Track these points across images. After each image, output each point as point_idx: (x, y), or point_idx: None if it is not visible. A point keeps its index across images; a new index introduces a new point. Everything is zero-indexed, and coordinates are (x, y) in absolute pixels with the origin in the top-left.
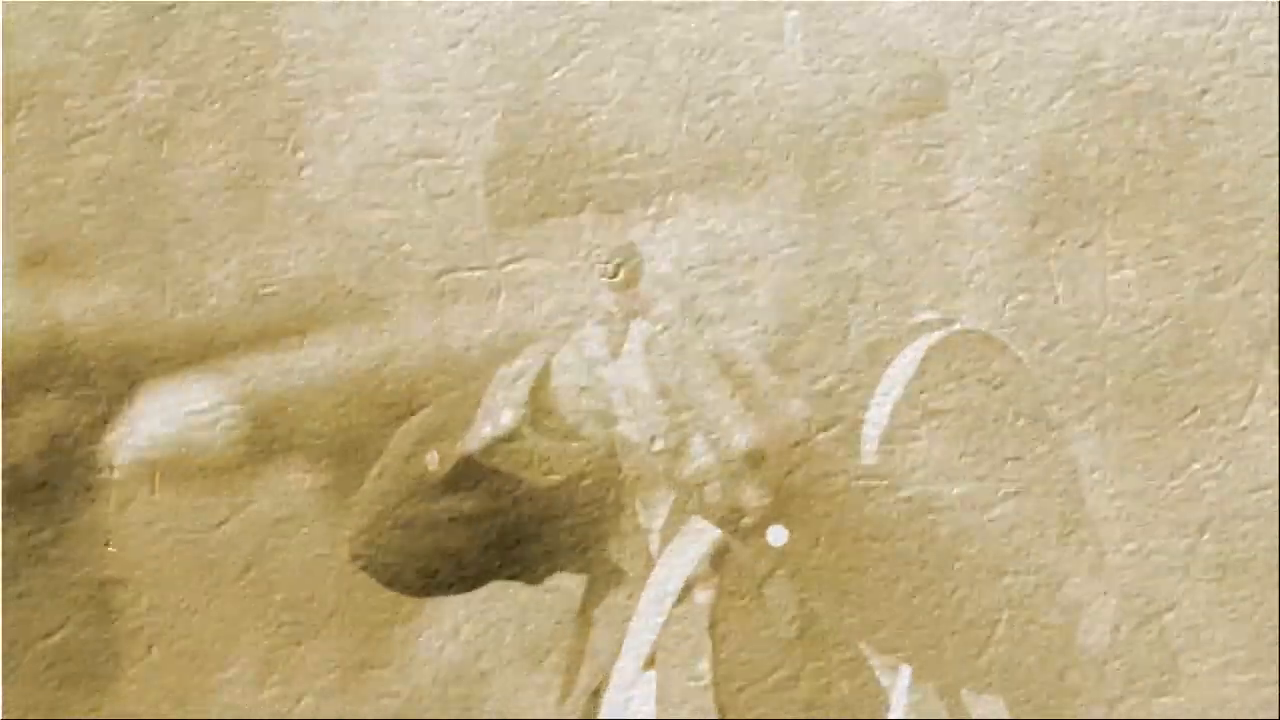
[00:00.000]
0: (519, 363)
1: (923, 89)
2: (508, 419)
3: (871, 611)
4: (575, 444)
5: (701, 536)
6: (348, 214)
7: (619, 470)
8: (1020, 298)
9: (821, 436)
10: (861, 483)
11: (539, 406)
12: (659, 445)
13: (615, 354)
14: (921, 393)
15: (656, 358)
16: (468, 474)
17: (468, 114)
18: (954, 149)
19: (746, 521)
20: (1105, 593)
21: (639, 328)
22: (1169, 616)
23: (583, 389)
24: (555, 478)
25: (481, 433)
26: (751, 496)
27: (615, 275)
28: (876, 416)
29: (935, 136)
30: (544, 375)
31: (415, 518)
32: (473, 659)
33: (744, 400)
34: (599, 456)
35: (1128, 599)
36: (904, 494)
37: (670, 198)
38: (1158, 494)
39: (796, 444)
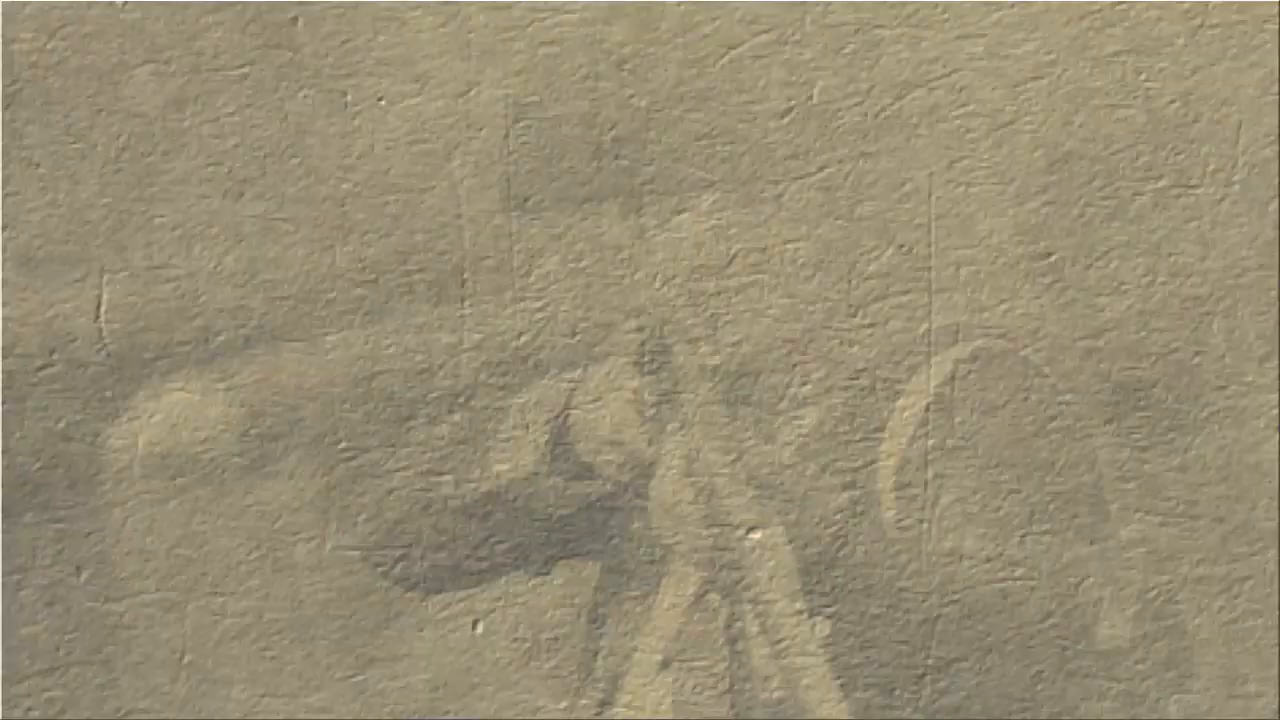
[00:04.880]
0: (538, 393)
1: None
2: (527, 459)
3: (917, 695)
4: (591, 483)
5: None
6: (349, 213)
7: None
8: (1026, 297)
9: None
10: (894, 560)
11: (558, 445)
12: (696, 543)
13: (650, 441)
14: (943, 417)
15: (698, 473)
16: (484, 503)
17: (474, 114)
18: (963, 148)
19: None
20: (1123, 591)
21: (676, 443)
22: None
23: (604, 441)
24: (568, 510)
25: (499, 468)
26: None
27: (644, 362)
28: (891, 448)
29: (945, 135)
30: (564, 415)
31: (427, 534)
32: (474, 658)
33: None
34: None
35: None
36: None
37: (685, 196)
38: (1155, 493)
39: (832, 532)
